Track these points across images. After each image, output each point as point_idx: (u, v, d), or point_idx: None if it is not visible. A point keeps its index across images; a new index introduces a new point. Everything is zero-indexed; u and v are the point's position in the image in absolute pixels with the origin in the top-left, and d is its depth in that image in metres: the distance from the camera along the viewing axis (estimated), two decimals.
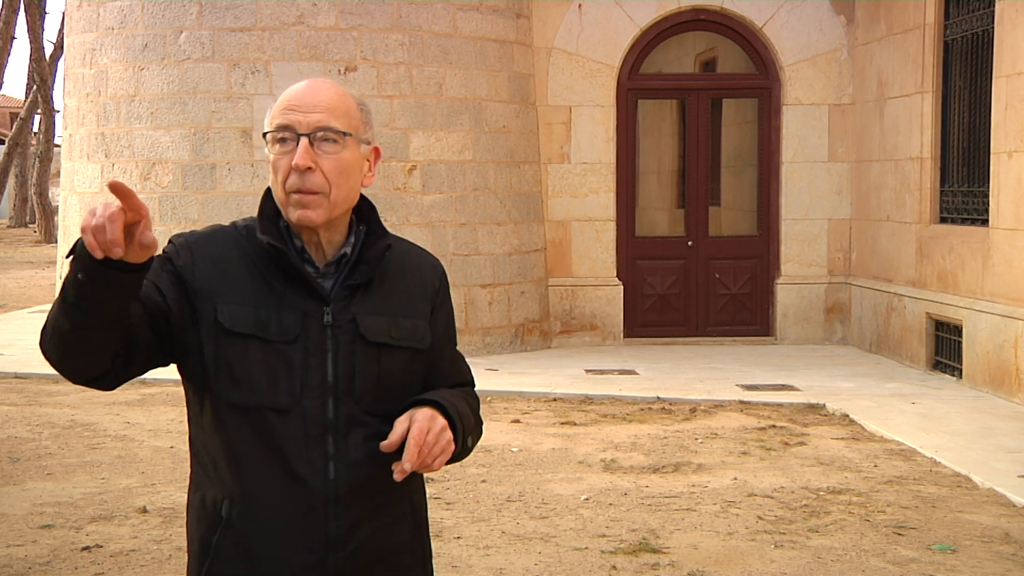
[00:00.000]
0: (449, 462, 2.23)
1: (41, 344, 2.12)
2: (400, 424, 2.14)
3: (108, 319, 2.03)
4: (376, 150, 2.29)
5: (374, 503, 2.23)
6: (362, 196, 2.30)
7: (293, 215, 2.20)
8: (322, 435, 2.19)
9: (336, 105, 2.21)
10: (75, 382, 2.17)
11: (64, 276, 2.02)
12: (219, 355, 2.17)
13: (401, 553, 2.29)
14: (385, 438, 2.18)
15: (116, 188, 1.94)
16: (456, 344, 2.44)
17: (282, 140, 2.19)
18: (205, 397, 2.21)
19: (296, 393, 2.18)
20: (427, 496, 2.41)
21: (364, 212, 2.30)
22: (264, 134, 2.23)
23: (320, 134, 2.18)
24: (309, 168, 2.17)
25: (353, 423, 2.20)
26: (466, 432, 2.24)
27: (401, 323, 2.27)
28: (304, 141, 2.17)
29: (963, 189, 9.97)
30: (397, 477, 2.12)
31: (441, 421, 2.16)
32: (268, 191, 2.29)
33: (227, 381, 2.17)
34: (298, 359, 2.18)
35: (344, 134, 2.20)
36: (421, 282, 2.34)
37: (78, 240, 1.97)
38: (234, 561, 2.19)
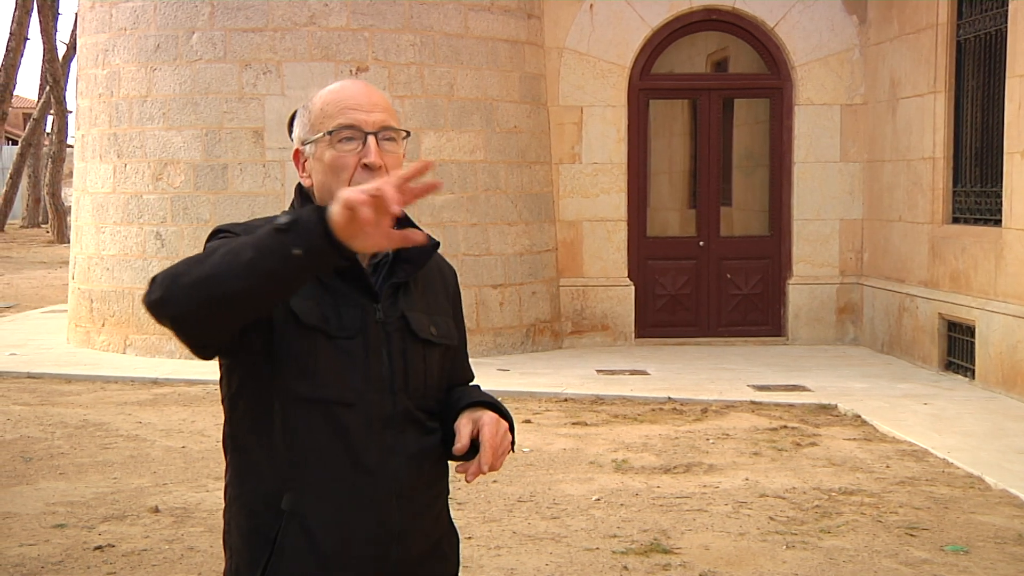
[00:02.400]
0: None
1: (171, 294, 1.99)
2: (465, 427, 2.21)
3: (285, 296, 2.04)
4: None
5: (428, 496, 2.28)
6: None
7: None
8: (383, 429, 2.22)
9: (388, 105, 2.26)
10: (190, 341, 2.08)
11: (257, 242, 1.94)
12: (287, 349, 2.18)
13: (443, 543, 2.36)
14: (431, 434, 2.27)
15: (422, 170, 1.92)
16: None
17: (346, 139, 2.21)
18: (268, 391, 2.20)
19: (359, 387, 2.20)
20: None
21: None
22: (325, 134, 2.22)
23: (383, 133, 2.22)
24: (381, 166, 2.20)
25: (408, 418, 2.25)
26: (514, 433, 2.31)
27: (437, 321, 2.33)
28: (373, 140, 2.20)
29: (976, 189, 9.94)
30: (470, 479, 2.19)
31: (504, 424, 2.24)
32: (300, 189, 2.30)
33: (295, 374, 2.18)
34: (360, 354, 2.21)
35: (403, 133, 2.25)
36: (444, 282, 2.40)
37: (308, 214, 1.92)
38: (300, 553, 2.20)
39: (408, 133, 2.27)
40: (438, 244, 2.32)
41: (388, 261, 2.28)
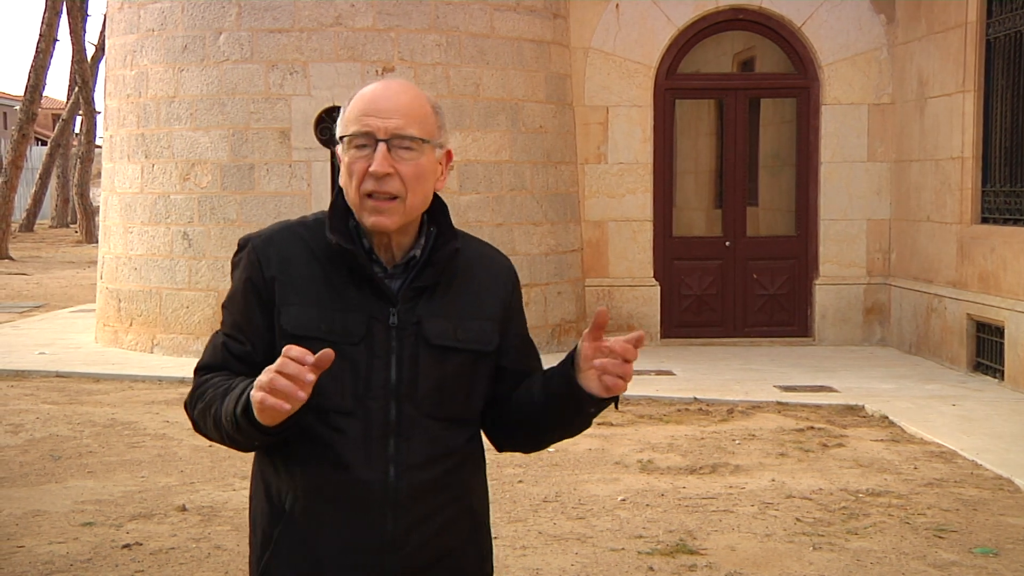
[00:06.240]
0: (580, 424, 2.32)
1: (194, 424, 2.34)
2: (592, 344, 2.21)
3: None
4: (448, 153, 2.30)
5: (431, 506, 2.24)
6: (435, 196, 2.30)
7: (368, 220, 2.21)
8: (384, 437, 2.20)
9: (413, 110, 2.21)
10: None
11: (238, 425, 2.14)
12: None
13: (458, 555, 2.30)
14: (447, 442, 2.24)
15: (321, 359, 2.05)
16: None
17: (359, 145, 2.20)
18: None
19: (360, 395, 2.19)
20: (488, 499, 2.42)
21: (435, 213, 2.30)
22: (341, 137, 2.23)
23: (397, 140, 2.19)
24: (387, 174, 2.18)
25: (415, 426, 2.21)
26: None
27: (467, 325, 2.27)
28: (382, 147, 2.18)
29: (1005, 189, 9.87)
30: (641, 337, 2.20)
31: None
32: (340, 189, 2.30)
33: None
34: (362, 361, 2.19)
35: (421, 141, 2.21)
36: (494, 284, 2.34)
37: (243, 414, 2.09)
38: (293, 555, 2.22)
39: (424, 140, 2.22)
40: (458, 249, 2.28)
41: (418, 264, 2.26)
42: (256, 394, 2.01)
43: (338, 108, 11.67)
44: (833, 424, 8.19)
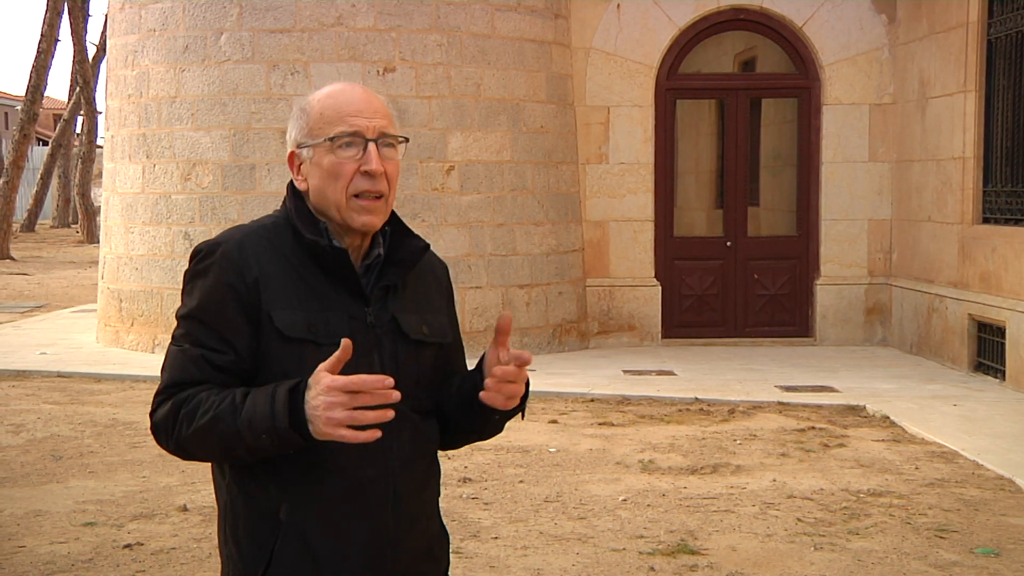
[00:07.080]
0: (491, 431, 2.34)
1: (179, 446, 2.24)
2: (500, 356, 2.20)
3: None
4: None
5: (422, 499, 2.29)
6: None
7: (358, 220, 2.23)
8: None
9: (387, 111, 2.27)
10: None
11: (281, 437, 2.10)
12: (277, 363, 2.18)
13: (435, 545, 2.36)
14: (427, 434, 2.28)
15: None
16: None
17: (346, 145, 2.21)
18: None
19: None
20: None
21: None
22: (330, 139, 2.21)
23: (383, 139, 2.23)
24: (382, 172, 2.22)
25: (403, 421, 2.23)
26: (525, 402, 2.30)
27: (429, 320, 2.33)
28: (374, 146, 2.21)
29: (1006, 189, 9.86)
30: (530, 359, 2.17)
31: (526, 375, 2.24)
32: (293, 190, 2.29)
33: None
34: (349, 361, 2.19)
35: (399, 139, 2.26)
36: (436, 279, 2.41)
37: (289, 426, 2.07)
38: (296, 562, 2.21)
39: (406, 139, 2.28)
40: (428, 246, 2.33)
41: (379, 263, 2.28)
42: (341, 432, 2.02)
43: None
44: (834, 424, 8.19)
